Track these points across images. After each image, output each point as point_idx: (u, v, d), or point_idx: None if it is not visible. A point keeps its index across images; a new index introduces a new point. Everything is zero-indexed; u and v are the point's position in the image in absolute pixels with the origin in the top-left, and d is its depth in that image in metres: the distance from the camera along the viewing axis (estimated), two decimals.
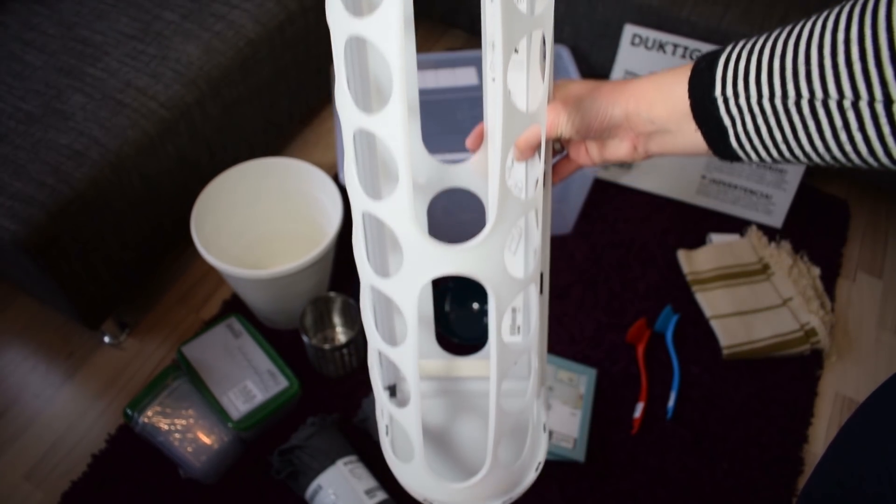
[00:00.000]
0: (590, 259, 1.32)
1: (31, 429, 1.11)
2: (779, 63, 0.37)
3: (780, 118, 0.38)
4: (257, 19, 1.18)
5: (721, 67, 0.40)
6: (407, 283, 0.41)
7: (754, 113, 0.39)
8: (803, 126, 0.37)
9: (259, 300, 1.13)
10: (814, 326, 1.21)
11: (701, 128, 0.42)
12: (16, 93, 1.05)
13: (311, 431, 1.02)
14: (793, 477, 1.09)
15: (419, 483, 0.50)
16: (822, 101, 0.35)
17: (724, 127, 0.41)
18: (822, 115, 0.36)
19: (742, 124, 0.40)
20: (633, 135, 0.46)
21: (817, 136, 0.37)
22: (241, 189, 1.14)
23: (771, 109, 0.38)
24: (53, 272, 0.98)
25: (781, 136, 0.38)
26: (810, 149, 0.38)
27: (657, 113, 0.43)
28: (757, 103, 0.38)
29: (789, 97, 0.37)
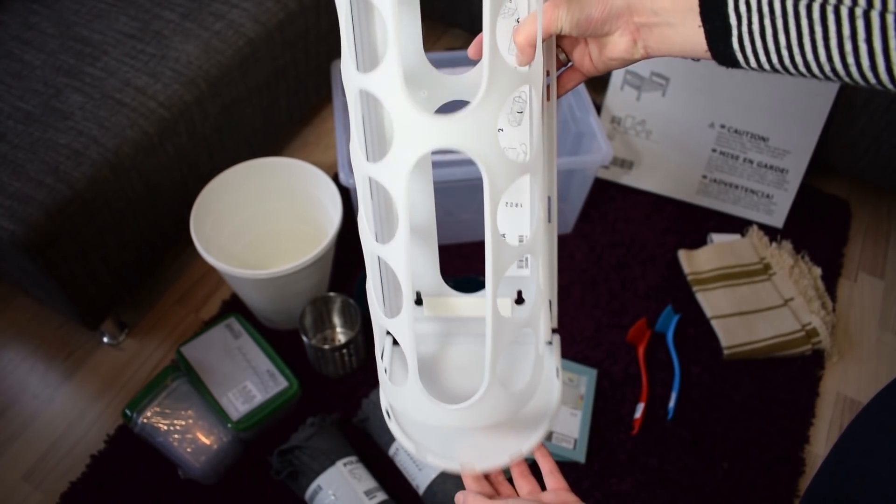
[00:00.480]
0: (590, 259, 1.31)
1: (29, 429, 1.11)
2: None
3: (787, 20, 0.37)
4: (257, 18, 1.18)
5: None
6: (398, 161, 0.39)
7: (763, 13, 0.38)
8: (810, 31, 0.36)
9: (259, 300, 1.12)
10: (815, 326, 1.20)
11: (705, 24, 0.41)
12: (14, 92, 1.04)
13: (310, 432, 1.02)
14: (793, 477, 1.08)
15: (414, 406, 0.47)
16: (834, 7, 0.35)
17: (730, 25, 0.40)
18: (832, 22, 0.35)
19: (748, 23, 0.39)
20: (634, 27, 0.44)
21: (822, 43, 0.36)
22: (240, 189, 1.14)
23: (780, 10, 0.37)
24: (52, 272, 0.98)
25: (786, 41, 0.38)
26: (812, 56, 0.37)
27: (662, 4, 0.42)
28: (767, 3, 0.38)
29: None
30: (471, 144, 0.39)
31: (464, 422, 0.47)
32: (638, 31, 0.44)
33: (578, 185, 1.26)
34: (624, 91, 1.36)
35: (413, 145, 0.39)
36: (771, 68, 0.40)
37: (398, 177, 0.40)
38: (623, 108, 1.38)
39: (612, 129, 1.40)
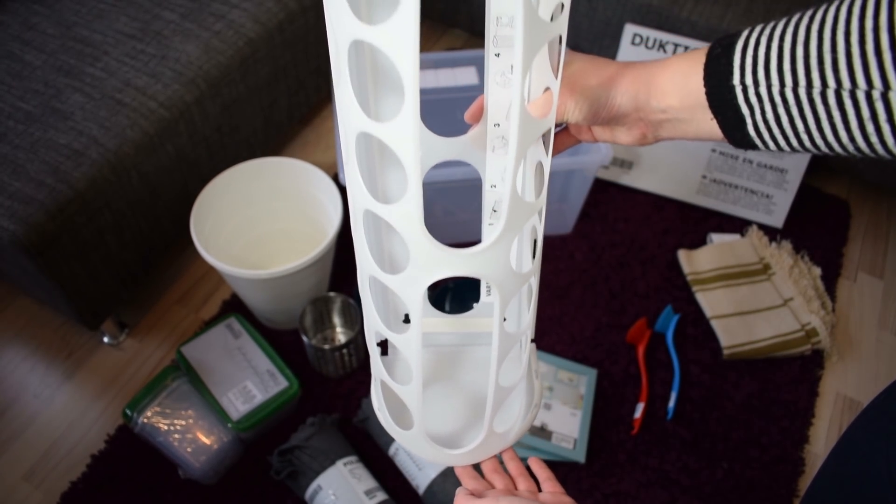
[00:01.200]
0: (590, 259, 1.31)
1: (30, 429, 1.11)
2: (802, 51, 0.35)
3: (803, 108, 0.36)
4: (257, 19, 1.18)
5: (739, 54, 0.38)
6: (414, 283, 0.41)
7: (775, 102, 0.37)
8: (828, 117, 0.36)
9: (259, 300, 1.13)
10: (814, 326, 1.21)
11: (717, 116, 0.40)
12: (15, 92, 1.04)
13: (310, 432, 1.02)
14: (793, 477, 1.08)
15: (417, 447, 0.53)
16: (850, 92, 0.34)
17: (742, 115, 0.39)
18: (850, 106, 0.34)
19: (762, 113, 0.38)
20: (644, 123, 0.44)
21: (842, 127, 0.35)
22: (240, 189, 1.14)
23: (794, 99, 0.36)
24: (52, 272, 0.98)
25: (804, 126, 0.37)
26: (833, 139, 0.36)
27: (669, 102, 0.42)
28: (779, 93, 0.37)
29: (814, 87, 0.35)
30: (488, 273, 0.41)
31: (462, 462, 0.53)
32: (648, 126, 0.44)
33: (578, 185, 1.26)
34: None
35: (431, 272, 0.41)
36: (791, 149, 0.39)
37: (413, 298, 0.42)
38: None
39: None
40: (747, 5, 1.28)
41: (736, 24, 1.27)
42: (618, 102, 0.43)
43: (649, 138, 0.45)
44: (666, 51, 1.32)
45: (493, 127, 0.51)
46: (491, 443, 0.53)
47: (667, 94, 0.42)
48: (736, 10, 1.28)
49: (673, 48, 1.31)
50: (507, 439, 0.54)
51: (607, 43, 1.41)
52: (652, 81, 0.42)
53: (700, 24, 1.28)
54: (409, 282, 0.41)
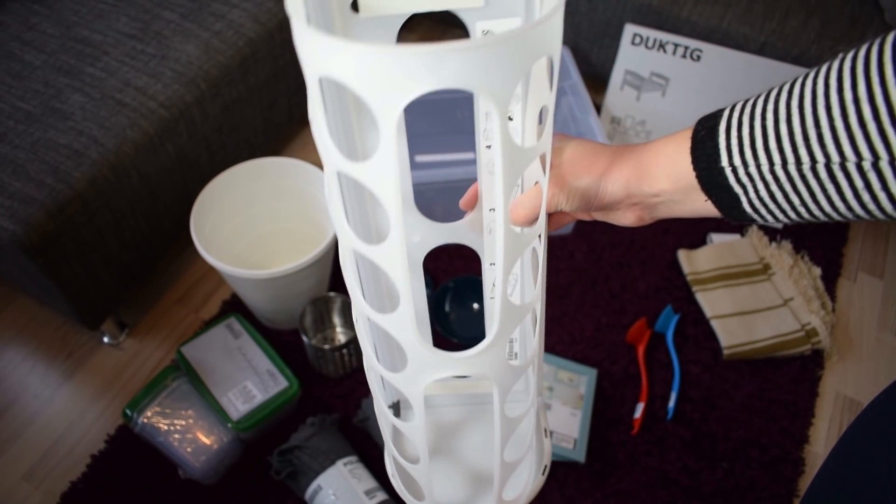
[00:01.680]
0: (590, 259, 1.31)
1: (30, 429, 1.11)
2: (786, 128, 0.35)
3: (795, 184, 0.36)
4: (256, 19, 1.18)
5: (723, 136, 0.38)
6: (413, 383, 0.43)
7: (767, 181, 0.37)
8: (822, 190, 0.35)
9: (259, 300, 1.13)
10: (814, 326, 1.21)
11: (711, 197, 0.40)
12: (15, 92, 1.04)
13: (310, 432, 1.02)
14: (793, 477, 1.09)
15: None
16: (840, 165, 0.34)
17: (736, 194, 0.39)
18: (842, 178, 0.34)
19: (755, 191, 0.38)
20: (638, 207, 0.44)
21: (838, 199, 0.35)
22: (240, 189, 1.14)
23: (785, 176, 0.36)
24: (52, 272, 0.98)
25: (799, 200, 0.37)
26: (831, 210, 0.36)
27: (661, 187, 0.41)
28: (769, 171, 0.37)
29: (804, 163, 0.35)
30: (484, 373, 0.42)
31: None
32: (643, 209, 0.44)
33: None
34: (624, 91, 1.37)
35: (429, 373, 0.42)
36: (790, 221, 0.39)
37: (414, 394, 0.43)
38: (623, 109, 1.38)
39: (611, 129, 1.40)
40: (747, 5, 1.28)
41: (736, 23, 1.27)
42: (609, 191, 0.43)
43: (646, 219, 0.45)
44: (666, 51, 1.32)
45: (488, 212, 0.51)
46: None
47: (658, 179, 0.41)
48: (736, 10, 1.28)
49: (673, 48, 1.31)
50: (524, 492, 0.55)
51: (607, 43, 1.41)
52: (641, 168, 0.42)
53: (700, 23, 1.29)
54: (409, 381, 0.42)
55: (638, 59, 1.35)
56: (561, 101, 1.30)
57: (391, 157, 0.32)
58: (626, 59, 1.37)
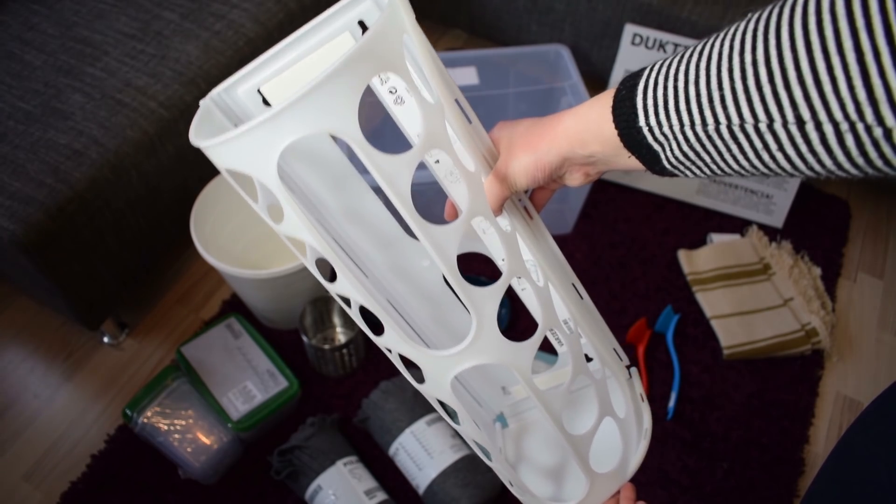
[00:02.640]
0: (590, 259, 1.31)
1: (30, 429, 1.11)
2: (694, 90, 0.37)
3: (704, 144, 0.38)
4: (256, 18, 1.18)
5: (640, 96, 0.40)
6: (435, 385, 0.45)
7: (678, 140, 0.39)
8: (727, 149, 0.37)
9: (259, 300, 1.13)
10: (814, 326, 1.21)
11: (634, 154, 0.42)
12: (15, 92, 1.04)
13: (310, 432, 1.02)
14: (793, 477, 1.08)
15: None
16: (740, 126, 0.35)
17: (656, 152, 0.41)
18: (743, 139, 0.36)
19: (670, 149, 0.40)
20: (578, 167, 0.47)
21: (742, 158, 0.37)
22: None
23: (694, 136, 0.38)
24: (52, 272, 0.98)
25: (710, 159, 0.39)
26: (740, 166, 0.38)
27: (592, 149, 0.44)
28: (679, 131, 0.38)
29: (708, 124, 0.37)
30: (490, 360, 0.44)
31: None
32: (584, 168, 0.47)
33: None
34: None
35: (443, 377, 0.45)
36: (709, 176, 0.41)
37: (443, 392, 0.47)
38: None
39: None
40: (747, 5, 1.28)
41: None
42: (547, 161, 0.46)
43: (592, 175, 0.48)
44: (666, 51, 1.32)
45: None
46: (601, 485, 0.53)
47: (587, 142, 0.44)
48: (736, 10, 1.28)
49: (673, 48, 1.31)
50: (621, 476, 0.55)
51: (607, 43, 1.41)
52: (571, 134, 0.45)
53: (700, 23, 1.29)
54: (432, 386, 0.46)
55: (638, 59, 1.35)
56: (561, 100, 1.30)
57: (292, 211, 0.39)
58: (626, 59, 1.37)
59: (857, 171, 0.34)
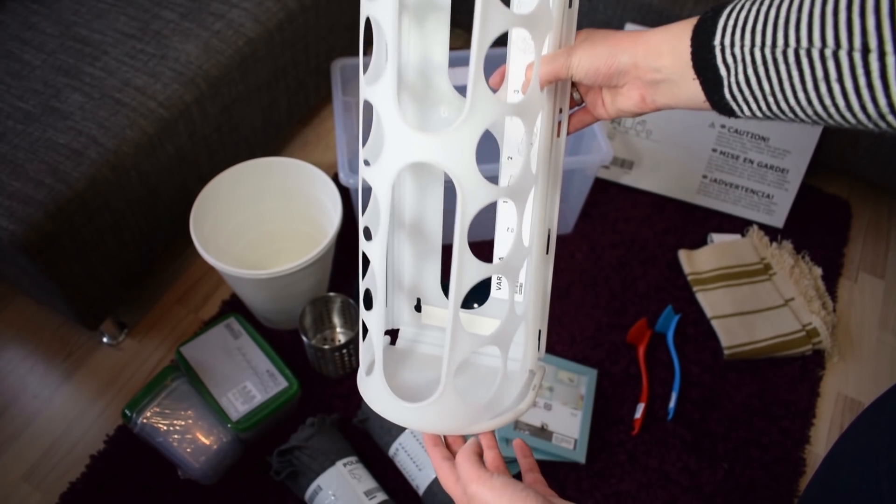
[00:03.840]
0: (590, 259, 1.31)
1: (29, 429, 1.11)
2: (774, 12, 0.38)
3: (768, 67, 0.38)
4: (256, 18, 1.18)
5: (724, 16, 0.41)
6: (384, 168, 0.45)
7: (746, 62, 0.39)
8: (788, 76, 0.38)
9: (258, 300, 1.12)
10: (815, 327, 1.20)
11: (699, 76, 0.43)
12: (14, 92, 1.04)
13: (310, 432, 1.02)
14: (794, 478, 1.08)
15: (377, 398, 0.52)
16: (806, 50, 0.36)
17: (720, 76, 0.41)
18: (805, 65, 0.36)
19: (735, 73, 0.40)
20: (641, 83, 0.46)
21: (800, 87, 0.37)
22: (240, 189, 1.14)
23: (761, 58, 0.38)
24: (51, 272, 0.98)
25: (769, 87, 0.39)
26: (794, 101, 0.38)
27: (663, 62, 0.44)
28: (749, 52, 0.39)
29: (778, 46, 0.37)
30: (447, 162, 0.43)
31: (418, 423, 0.51)
32: (645, 88, 0.47)
33: (578, 184, 1.26)
34: None
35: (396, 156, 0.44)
36: (763, 115, 0.41)
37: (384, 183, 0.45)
38: None
39: (612, 128, 1.40)
40: None
41: None
42: (617, 59, 0.46)
43: (647, 102, 0.47)
44: None
45: (512, 93, 0.52)
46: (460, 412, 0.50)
47: (661, 54, 0.44)
48: None
49: None
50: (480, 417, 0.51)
51: None
52: (650, 42, 0.45)
53: None
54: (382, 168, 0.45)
55: None
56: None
57: None
58: None
59: None
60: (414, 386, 0.56)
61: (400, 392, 0.51)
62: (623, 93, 0.48)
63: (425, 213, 0.60)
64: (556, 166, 0.53)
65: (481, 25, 0.41)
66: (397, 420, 0.51)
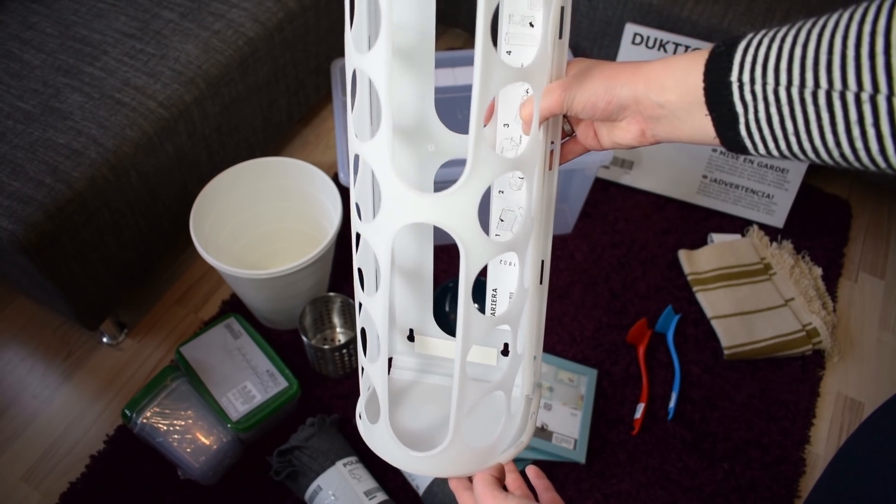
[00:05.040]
0: (590, 259, 1.31)
1: (29, 430, 1.11)
2: (800, 51, 0.36)
3: (794, 108, 0.37)
4: (256, 18, 1.18)
5: (741, 52, 0.39)
6: (383, 228, 0.43)
7: (768, 101, 0.38)
8: (817, 118, 0.36)
9: (258, 300, 1.12)
10: (815, 327, 1.20)
11: (712, 113, 0.41)
12: (14, 92, 1.04)
13: (310, 432, 1.02)
14: (794, 478, 1.08)
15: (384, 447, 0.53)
16: (840, 93, 0.34)
17: (736, 113, 0.39)
18: (838, 107, 0.35)
19: (755, 111, 0.39)
20: (642, 118, 0.45)
21: (829, 129, 0.36)
22: (240, 189, 1.14)
23: (786, 98, 0.37)
24: (51, 272, 0.98)
25: (793, 128, 0.37)
26: (820, 143, 0.37)
27: (668, 97, 0.42)
28: (773, 91, 0.37)
29: (807, 86, 0.36)
30: (451, 222, 0.42)
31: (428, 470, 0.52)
32: (646, 123, 0.45)
33: (579, 184, 1.26)
34: None
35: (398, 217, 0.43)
36: (780, 154, 0.40)
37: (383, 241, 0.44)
38: None
39: None
40: (748, 4, 1.28)
41: (737, 23, 1.26)
42: (617, 93, 0.44)
43: (647, 136, 0.46)
44: (667, 50, 1.31)
45: (502, 127, 0.51)
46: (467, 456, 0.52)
47: (666, 88, 0.42)
48: (736, 10, 1.27)
49: (674, 48, 1.31)
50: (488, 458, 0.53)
51: (608, 42, 1.41)
52: (652, 76, 0.43)
53: (701, 23, 1.28)
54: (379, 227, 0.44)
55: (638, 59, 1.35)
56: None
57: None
58: (627, 58, 1.37)
59: None
60: (418, 426, 0.58)
61: (405, 435, 0.53)
62: (622, 126, 0.46)
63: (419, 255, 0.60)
64: (549, 200, 0.52)
65: (481, 85, 0.40)
66: (407, 467, 0.53)
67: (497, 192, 0.55)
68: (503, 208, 0.55)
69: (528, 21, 0.48)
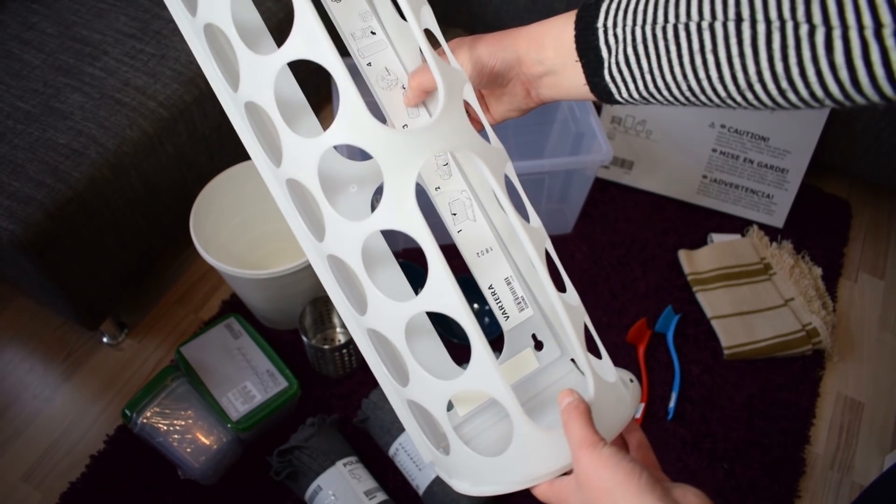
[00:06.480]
0: (590, 259, 1.31)
1: (29, 430, 1.11)
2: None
3: (647, 44, 0.40)
4: None
5: (608, 1, 0.42)
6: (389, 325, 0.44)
7: (626, 42, 0.41)
8: (665, 50, 0.39)
9: (258, 300, 1.12)
10: (815, 327, 1.20)
11: (581, 59, 0.44)
12: (14, 92, 1.04)
13: (310, 432, 1.02)
14: (794, 478, 1.08)
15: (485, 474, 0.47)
16: (685, 24, 0.38)
17: (602, 58, 0.43)
18: (683, 38, 0.38)
19: (616, 54, 0.42)
20: (526, 78, 0.48)
21: (676, 61, 0.39)
22: (240, 188, 1.14)
23: (641, 35, 0.40)
24: (51, 272, 0.98)
25: (647, 64, 0.40)
26: (670, 77, 0.40)
27: (546, 54, 0.45)
28: (630, 31, 0.40)
29: (658, 22, 0.39)
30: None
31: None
32: (530, 82, 0.48)
33: (578, 184, 1.26)
34: None
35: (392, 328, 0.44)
36: (639, 97, 0.42)
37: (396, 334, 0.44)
38: (623, 108, 1.38)
39: (612, 128, 1.39)
40: None
41: None
42: (501, 56, 0.47)
43: (532, 96, 0.49)
44: None
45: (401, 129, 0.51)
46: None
47: (545, 45, 0.46)
48: None
49: None
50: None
51: None
52: (533, 36, 0.46)
53: None
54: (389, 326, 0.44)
55: None
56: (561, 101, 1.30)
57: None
58: None
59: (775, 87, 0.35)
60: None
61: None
62: (508, 91, 0.49)
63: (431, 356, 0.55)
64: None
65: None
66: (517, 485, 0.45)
67: (434, 190, 0.53)
68: (448, 202, 0.53)
69: (369, 31, 0.50)
